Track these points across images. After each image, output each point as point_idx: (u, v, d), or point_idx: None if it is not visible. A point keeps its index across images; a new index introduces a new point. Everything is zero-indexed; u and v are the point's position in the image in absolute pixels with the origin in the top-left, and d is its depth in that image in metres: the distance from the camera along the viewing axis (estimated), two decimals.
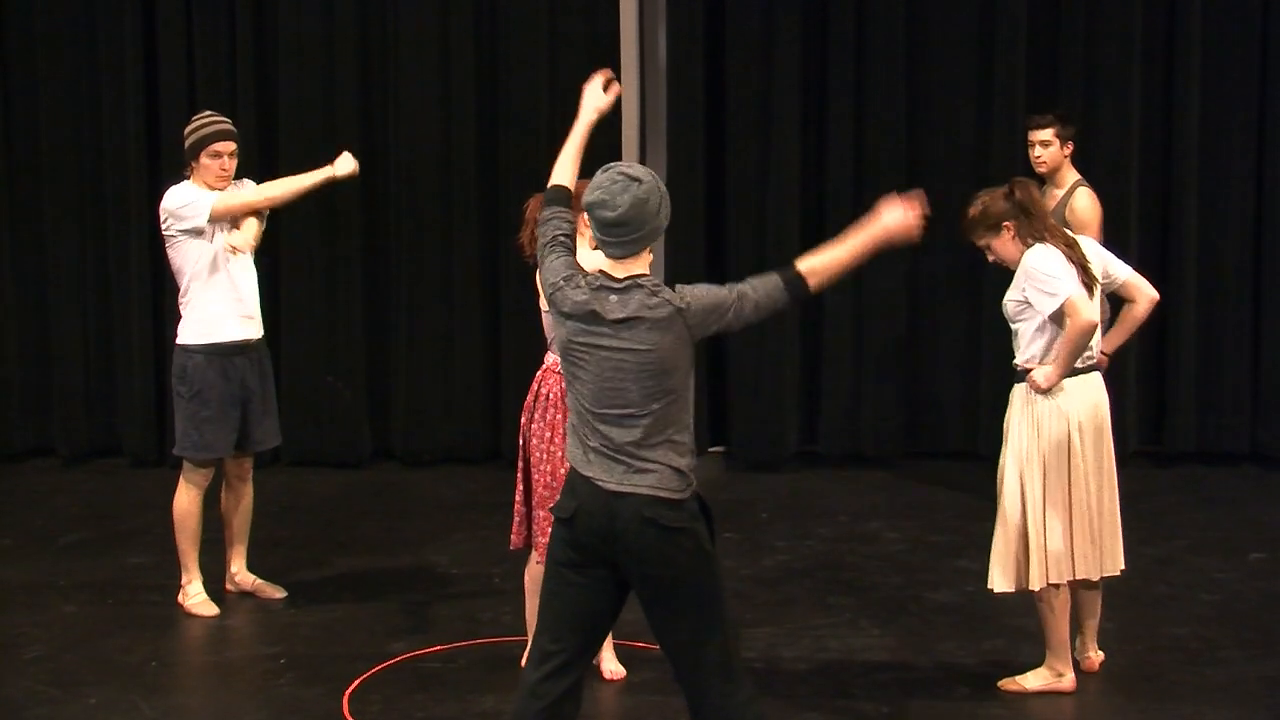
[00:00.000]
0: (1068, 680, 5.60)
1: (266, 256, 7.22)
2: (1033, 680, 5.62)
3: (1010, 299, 5.56)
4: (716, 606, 4.21)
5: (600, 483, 4.16)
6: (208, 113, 6.63)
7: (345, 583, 6.96)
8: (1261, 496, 8.27)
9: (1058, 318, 5.43)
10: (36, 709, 5.53)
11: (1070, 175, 7.32)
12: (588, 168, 4.53)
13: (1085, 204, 7.19)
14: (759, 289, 4.21)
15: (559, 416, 5.47)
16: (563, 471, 5.43)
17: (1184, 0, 8.75)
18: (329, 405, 9.03)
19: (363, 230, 9.03)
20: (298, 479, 8.81)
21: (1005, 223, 5.55)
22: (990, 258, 5.68)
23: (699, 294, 4.19)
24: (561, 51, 8.92)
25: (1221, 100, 8.86)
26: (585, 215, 5.29)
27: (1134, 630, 6.02)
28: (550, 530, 4.42)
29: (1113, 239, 8.91)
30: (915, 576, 7.00)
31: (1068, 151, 7.33)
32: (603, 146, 8.81)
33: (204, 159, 6.43)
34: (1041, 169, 7.32)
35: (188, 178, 6.50)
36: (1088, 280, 5.48)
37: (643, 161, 8.94)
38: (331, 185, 6.74)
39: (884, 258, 8.83)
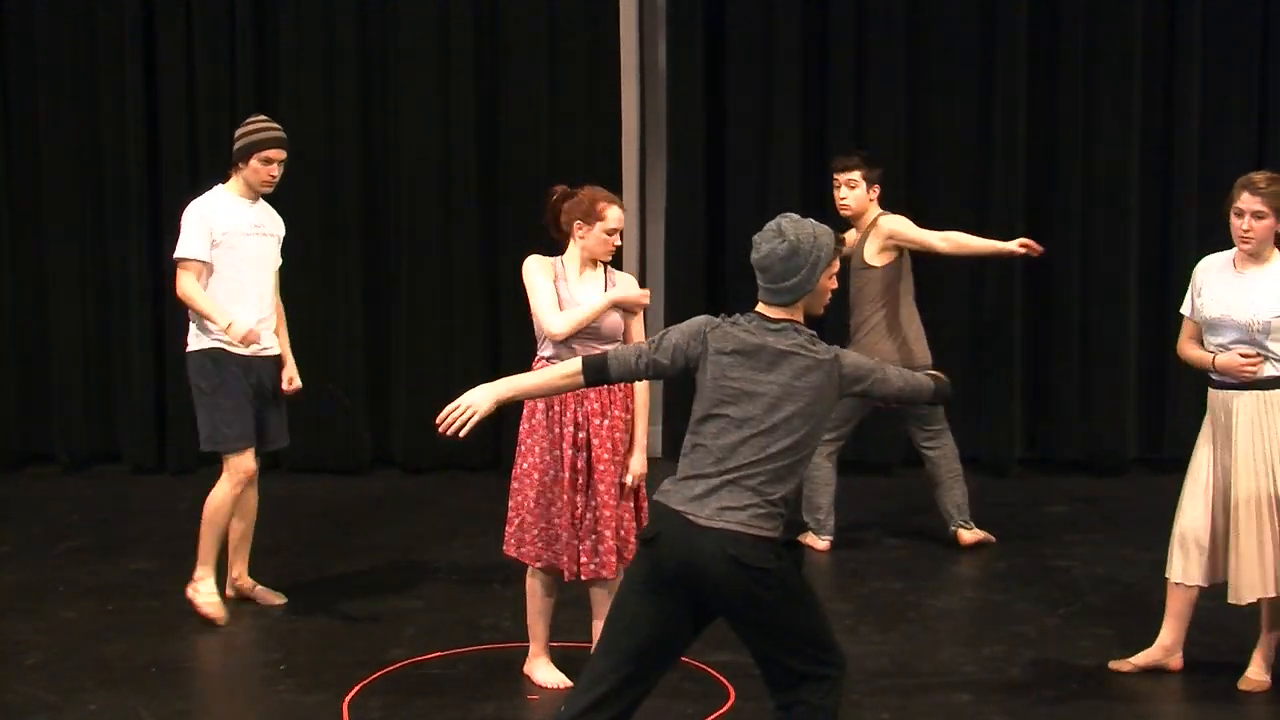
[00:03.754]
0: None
1: None
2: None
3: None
4: (802, 628, 4.25)
5: (689, 517, 4.20)
6: (263, 117, 6.54)
7: (345, 589, 6.95)
8: None
9: None
10: (36, 715, 5.52)
11: (873, 212, 7.12)
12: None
13: (893, 221, 7.02)
14: (904, 373, 4.45)
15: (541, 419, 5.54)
16: (537, 476, 5.49)
17: (1184, 0, 8.76)
18: (329, 412, 9.02)
19: (363, 239, 9.03)
20: (298, 485, 8.80)
21: None
22: (1243, 228, 5.44)
23: (848, 353, 4.38)
24: (561, 61, 8.91)
25: (1221, 100, 8.86)
26: (577, 221, 5.40)
27: (1135, 635, 6.00)
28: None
29: (1112, 239, 8.95)
30: (916, 582, 6.99)
31: (874, 195, 7.11)
32: (603, 151, 8.87)
33: (255, 162, 6.36)
34: (846, 212, 7.09)
35: (227, 179, 6.44)
36: None
37: (642, 170, 8.94)
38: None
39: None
